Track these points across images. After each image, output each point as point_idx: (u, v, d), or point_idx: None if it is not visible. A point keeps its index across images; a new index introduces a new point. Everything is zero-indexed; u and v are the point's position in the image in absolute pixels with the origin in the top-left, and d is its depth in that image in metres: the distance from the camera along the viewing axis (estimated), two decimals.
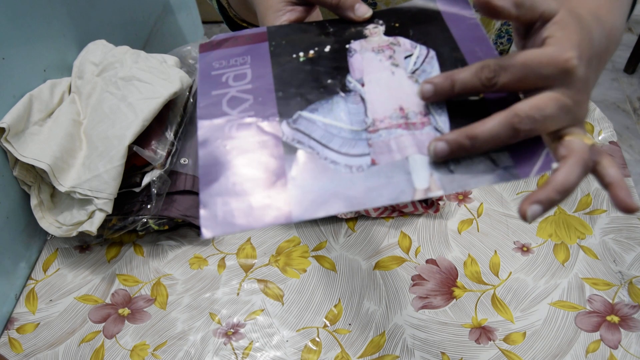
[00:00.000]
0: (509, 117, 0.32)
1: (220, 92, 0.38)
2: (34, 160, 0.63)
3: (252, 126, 0.36)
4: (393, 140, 0.35)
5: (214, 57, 0.41)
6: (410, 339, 0.59)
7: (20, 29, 0.67)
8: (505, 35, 0.87)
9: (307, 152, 0.35)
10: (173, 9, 1.23)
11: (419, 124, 0.36)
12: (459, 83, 0.34)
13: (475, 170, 0.34)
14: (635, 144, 1.77)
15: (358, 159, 0.35)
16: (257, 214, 0.32)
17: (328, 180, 0.34)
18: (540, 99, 0.33)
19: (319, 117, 0.37)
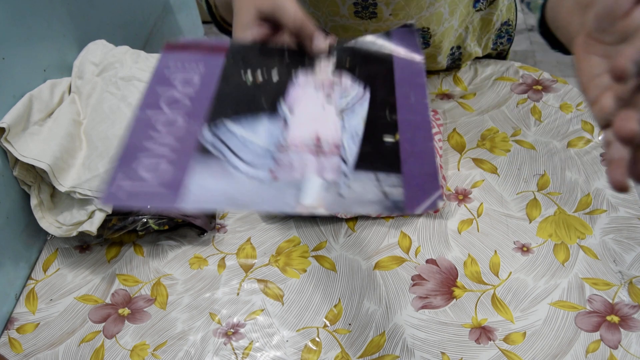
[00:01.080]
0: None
1: (163, 89, 0.43)
2: (34, 160, 0.63)
3: (177, 123, 0.41)
4: (298, 161, 0.39)
5: (173, 58, 0.44)
6: (410, 339, 0.59)
7: (20, 29, 0.67)
8: (505, 35, 0.87)
9: (216, 156, 0.39)
10: (173, 9, 1.23)
11: (328, 152, 0.40)
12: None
13: (364, 199, 0.37)
14: None
15: (260, 172, 0.38)
16: (143, 198, 0.37)
17: (223, 182, 0.37)
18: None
19: (239, 129, 0.41)
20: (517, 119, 0.80)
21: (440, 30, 0.77)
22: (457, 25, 0.80)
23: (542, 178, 0.72)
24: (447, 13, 0.75)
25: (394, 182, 0.38)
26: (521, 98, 0.83)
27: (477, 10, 0.80)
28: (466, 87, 0.86)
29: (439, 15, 0.75)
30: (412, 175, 0.38)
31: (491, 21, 0.83)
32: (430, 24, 0.76)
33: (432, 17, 0.75)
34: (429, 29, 0.77)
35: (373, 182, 0.38)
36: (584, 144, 0.76)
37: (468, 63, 0.89)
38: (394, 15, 0.73)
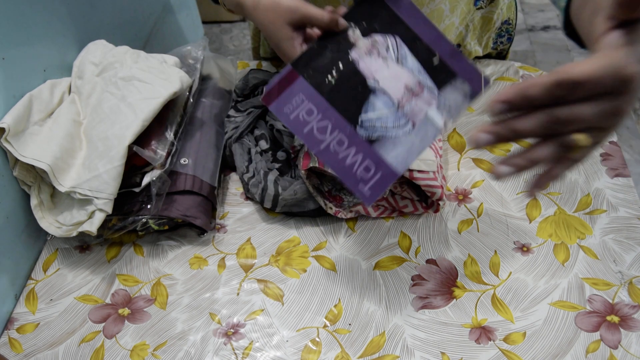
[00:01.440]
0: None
1: (306, 128, 0.53)
2: (34, 160, 0.63)
3: (340, 140, 0.53)
4: (413, 108, 0.54)
5: (281, 105, 0.53)
6: (410, 339, 0.59)
7: (20, 29, 0.67)
8: (506, 34, 0.87)
9: (380, 138, 0.53)
10: (173, 9, 1.23)
11: (419, 91, 0.54)
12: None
13: (458, 101, 0.54)
14: (635, 144, 1.77)
15: (405, 128, 0.53)
16: (382, 185, 0.53)
17: (398, 146, 0.53)
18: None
19: (371, 114, 0.53)
20: None
21: (441, 28, 0.77)
22: (458, 23, 0.80)
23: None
24: (448, 10, 0.75)
25: (460, 82, 0.54)
26: None
27: (477, 9, 0.80)
28: None
29: (440, 11, 0.75)
30: (463, 72, 0.54)
31: (492, 20, 0.83)
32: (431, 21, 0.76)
33: (433, 14, 0.75)
34: None
35: (455, 90, 0.54)
36: None
37: None
38: None
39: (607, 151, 0.74)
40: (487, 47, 0.88)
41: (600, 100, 0.33)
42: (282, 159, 0.73)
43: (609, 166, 0.72)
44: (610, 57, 0.33)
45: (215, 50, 2.21)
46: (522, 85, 0.33)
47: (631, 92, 0.33)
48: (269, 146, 0.74)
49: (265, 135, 0.75)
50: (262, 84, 0.81)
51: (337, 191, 0.69)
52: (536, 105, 0.34)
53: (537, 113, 0.34)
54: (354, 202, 0.68)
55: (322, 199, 0.67)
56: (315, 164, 0.64)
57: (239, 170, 0.73)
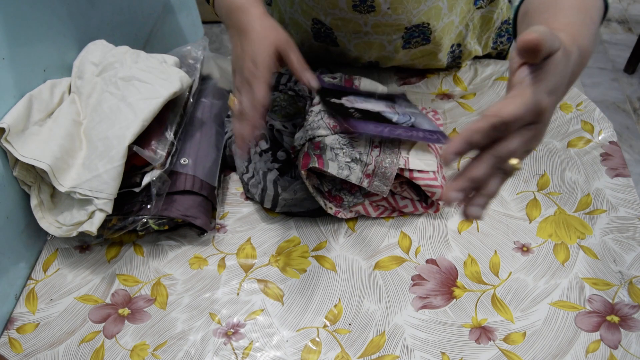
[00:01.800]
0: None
1: (386, 131, 0.67)
2: (34, 160, 0.63)
3: (402, 131, 0.68)
4: (401, 110, 0.73)
5: (367, 132, 0.66)
6: (410, 339, 0.59)
7: (20, 29, 0.67)
8: (505, 34, 0.87)
9: (414, 123, 0.71)
10: (173, 9, 1.23)
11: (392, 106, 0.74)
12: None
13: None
14: (635, 144, 1.77)
15: (414, 116, 0.72)
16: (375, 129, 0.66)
17: (426, 123, 0.71)
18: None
19: (394, 118, 0.71)
20: None
21: (440, 26, 0.77)
22: (458, 22, 0.80)
23: (542, 178, 0.72)
24: (446, 8, 0.75)
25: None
26: None
27: (477, 8, 0.80)
28: (466, 87, 0.86)
29: (438, 9, 0.75)
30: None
31: (491, 19, 0.83)
32: (429, 19, 0.76)
33: (431, 12, 0.75)
34: (429, 25, 0.76)
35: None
36: (584, 144, 0.76)
37: (468, 63, 0.89)
38: (392, 9, 0.73)
39: (607, 151, 0.74)
40: (487, 47, 0.88)
41: (524, 130, 0.40)
42: (282, 159, 0.73)
43: (609, 166, 0.72)
44: (526, 95, 0.39)
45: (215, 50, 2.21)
46: (466, 134, 0.39)
47: (545, 119, 0.41)
48: (269, 146, 0.74)
49: (265, 135, 0.75)
50: None
51: (337, 191, 0.69)
52: (479, 147, 0.40)
53: (484, 157, 0.40)
54: (354, 202, 0.68)
55: (322, 199, 0.67)
56: (315, 164, 0.64)
57: (239, 170, 0.73)
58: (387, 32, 0.78)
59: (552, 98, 0.40)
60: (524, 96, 0.39)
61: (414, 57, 0.84)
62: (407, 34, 0.78)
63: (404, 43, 0.80)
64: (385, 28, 0.77)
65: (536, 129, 0.41)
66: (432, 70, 0.88)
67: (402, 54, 0.82)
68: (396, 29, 0.77)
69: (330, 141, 0.67)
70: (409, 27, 0.77)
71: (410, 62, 0.85)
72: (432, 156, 0.67)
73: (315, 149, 0.67)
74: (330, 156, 0.65)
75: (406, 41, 0.80)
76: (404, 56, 0.83)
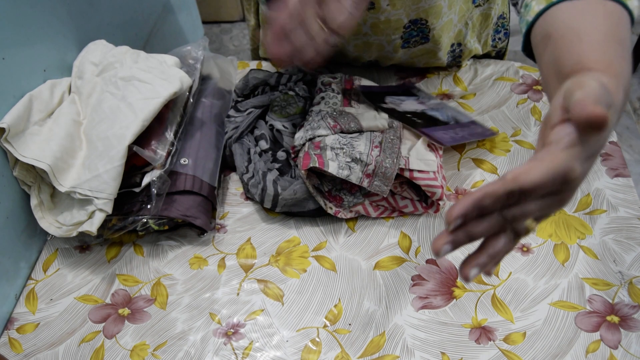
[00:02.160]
0: None
1: (435, 133, 0.72)
2: (34, 160, 0.63)
3: (448, 128, 0.74)
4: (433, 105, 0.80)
5: (431, 134, 0.72)
6: (410, 339, 0.59)
7: (20, 29, 0.67)
8: (502, 29, 0.87)
9: (456, 118, 0.78)
10: (173, 9, 1.23)
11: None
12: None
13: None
14: (635, 144, 1.77)
15: (443, 114, 0.78)
16: None
17: (462, 116, 0.79)
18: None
19: (438, 116, 0.78)
20: (517, 119, 0.80)
21: (440, 25, 0.77)
22: (457, 20, 0.80)
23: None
24: (446, 7, 0.75)
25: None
26: (521, 98, 0.83)
27: (476, 6, 0.80)
28: (466, 87, 0.86)
29: (438, 8, 0.75)
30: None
31: (490, 16, 0.83)
32: (428, 17, 0.76)
33: (431, 10, 0.75)
34: (427, 22, 0.76)
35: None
36: None
37: (468, 63, 0.89)
38: (391, 5, 0.73)
39: (607, 151, 0.74)
40: (486, 45, 0.87)
41: (546, 197, 0.36)
42: (282, 159, 0.73)
43: (609, 166, 0.72)
44: (556, 160, 0.34)
45: (215, 50, 2.21)
46: (476, 197, 0.35)
47: (573, 188, 0.36)
48: (269, 146, 0.74)
49: (265, 136, 0.75)
50: (262, 84, 0.81)
51: (337, 191, 0.69)
52: (490, 211, 0.36)
53: (490, 216, 0.36)
54: (354, 202, 0.68)
55: (322, 199, 0.67)
56: (315, 164, 0.64)
57: (239, 170, 0.73)
58: (386, 33, 0.78)
59: (588, 164, 0.36)
60: (555, 162, 0.34)
61: (414, 56, 0.84)
62: (406, 34, 0.78)
63: (403, 42, 0.80)
64: (384, 28, 0.77)
65: (560, 197, 0.36)
66: (432, 70, 0.88)
67: (401, 53, 0.82)
68: (395, 27, 0.77)
69: (330, 141, 0.67)
70: (407, 24, 0.77)
71: (410, 60, 0.85)
72: (432, 156, 0.67)
73: (315, 148, 0.67)
74: (331, 156, 0.65)
75: (405, 40, 0.80)
76: (404, 55, 0.83)
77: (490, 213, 0.36)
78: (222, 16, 2.33)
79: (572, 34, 0.45)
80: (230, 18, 2.34)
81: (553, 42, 0.46)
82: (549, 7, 0.48)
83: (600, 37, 0.43)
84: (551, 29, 0.47)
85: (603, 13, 0.45)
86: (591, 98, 0.32)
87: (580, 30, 0.45)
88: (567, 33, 0.45)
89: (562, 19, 0.47)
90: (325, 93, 0.76)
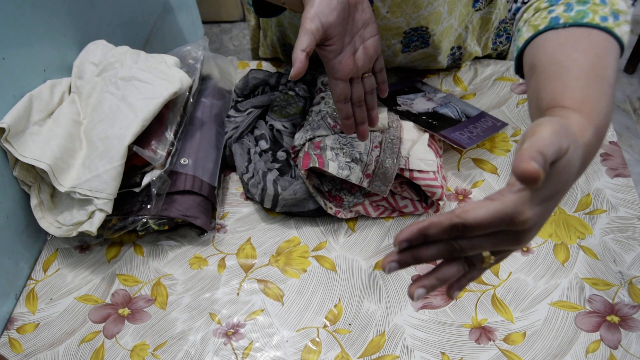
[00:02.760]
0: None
1: (455, 135, 0.73)
2: (34, 160, 0.63)
3: (464, 126, 0.76)
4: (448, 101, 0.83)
5: (451, 136, 0.73)
6: (410, 339, 0.59)
7: (20, 29, 0.67)
8: (504, 33, 0.87)
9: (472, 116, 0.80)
10: (173, 9, 1.23)
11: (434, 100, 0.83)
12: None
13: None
14: (635, 144, 1.77)
15: (455, 110, 0.80)
16: None
17: (471, 109, 0.81)
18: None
19: (449, 113, 0.79)
20: (517, 119, 0.80)
21: (440, 30, 0.77)
22: (457, 25, 0.80)
23: None
24: (446, 12, 0.75)
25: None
26: (521, 98, 0.83)
27: (476, 10, 0.80)
28: (466, 87, 0.86)
29: (438, 14, 0.75)
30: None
31: (490, 20, 0.83)
32: (429, 24, 0.76)
33: (431, 17, 0.75)
34: (428, 29, 0.76)
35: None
36: None
37: (468, 63, 0.89)
38: (391, 13, 0.73)
39: (607, 151, 0.74)
40: (486, 48, 0.87)
41: (497, 234, 0.36)
42: (282, 159, 0.73)
43: (609, 166, 0.72)
44: (505, 202, 0.35)
45: (215, 50, 2.21)
46: (422, 226, 0.37)
47: (528, 230, 0.36)
48: (269, 146, 0.74)
49: (265, 135, 0.75)
50: (262, 84, 0.81)
51: (337, 191, 0.69)
52: (436, 240, 0.37)
53: (438, 243, 0.37)
54: (354, 202, 0.68)
55: (322, 199, 0.67)
56: (315, 164, 0.64)
57: (239, 170, 0.73)
58: (385, 37, 0.78)
59: (544, 206, 0.36)
60: (503, 203, 0.35)
61: (414, 60, 0.84)
62: (405, 39, 0.78)
63: (403, 47, 0.80)
64: (383, 33, 0.77)
65: (515, 237, 0.37)
66: (432, 71, 0.88)
67: (401, 57, 0.82)
68: (395, 33, 0.77)
69: (330, 141, 0.67)
70: (407, 30, 0.77)
71: (410, 64, 0.85)
72: (432, 156, 0.67)
73: (315, 148, 0.67)
74: (331, 156, 0.65)
75: (405, 45, 0.80)
76: (404, 59, 0.83)
77: (437, 241, 0.37)
78: (222, 16, 2.33)
79: (553, 68, 0.45)
80: (230, 18, 2.34)
81: (537, 74, 0.47)
82: (536, 35, 0.49)
83: (578, 73, 0.43)
84: (536, 60, 0.48)
85: (586, 45, 0.45)
86: (532, 151, 0.32)
87: (560, 64, 0.45)
88: (549, 66, 0.46)
89: (546, 50, 0.47)
90: (325, 93, 0.76)
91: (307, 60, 0.52)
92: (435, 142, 0.73)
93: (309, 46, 0.52)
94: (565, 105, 0.42)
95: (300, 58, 0.52)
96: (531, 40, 0.49)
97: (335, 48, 0.56)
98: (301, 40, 0.52)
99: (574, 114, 0.40)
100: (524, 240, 0.37)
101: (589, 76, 0.43)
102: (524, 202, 0.35)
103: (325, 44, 0.55)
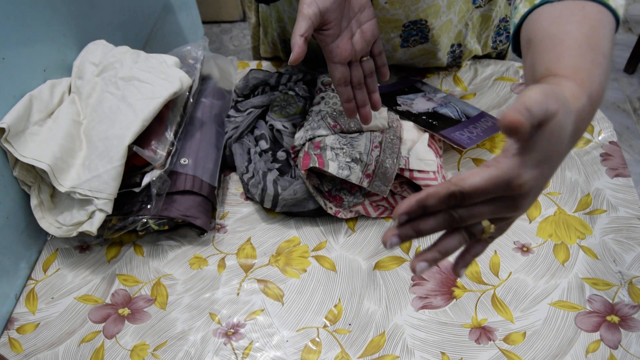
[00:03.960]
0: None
1: (456, 135, 0.73)
2: (34, 160, 0.63)
3: (464, 127, 0.76)
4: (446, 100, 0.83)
5: (451, 136, 0.73)
6: (410, 339, 0.59)
7: (20, 29, 0.67)
8: (504, 32, 0.87)
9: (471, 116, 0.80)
10: (173, 9, 1.23)
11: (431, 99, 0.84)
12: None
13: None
14: (635, 144, 1.77)
15: (455, 110, 0.80)
16: None
17: (470, 108, 0.81)
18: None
19: (449, 113, 0.79)
20: None
21: (438, 24, 0.77)
22: (457, 21, 0.80)
23: None
24: (445, 6, 0.75)
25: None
26: None
27: (476, 7, 0.80)
28: (466, 87, 0.86)
29: (437, 7, 0.75)
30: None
31: (490, 17, 0.83)
32: (427, 17, 0.76)
33: (430, 9, 0.75)
34: (427, 22, 0.76)
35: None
36: (584, 144, 0.76)
37: (468, 63, 0.89)
38: (389, 4, 0.73)
39: (607, 151, 0.74)
40: (486, 46, 0.87)
41: (496, 201, 0.37)
42: (282, 159, 0.73)
43: (609, 166, 0.72)
44: (500, 167, 0.35)
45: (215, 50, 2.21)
46: (420, 197, 0.36)
47: (525, 194, 0.36)
48: (269, 146, 0.74)
49: (265, 135, 0.75)
50: (262, 84, 0.81)
51: (337, 191, 0.69)
52: (435, 211, 0.37)
53: (437, 214, 0.38)
54: (354, 202, 0.68)
55: (322, 199, 0.67)
56: (315, 164, 0.64)
57: (239, 170, 0.73)
58: (384, 30, 0.78)
59: (540, 169, 0.36)
60: (498, 169, 0.35)
61: (413, 56, 0.84)
62: (404, 32, 0.78)
63: (402, 42, 0.80)
64: (382, 25, 0.77)
65: (513, 202, 0.37)
66: (432, 70, 0.88)
67: (400, 53, 0.82)
68: (394, 26, 0.77)
69: (330, 141, 0.67)
70: (406, 24, 0.77)
71: (409, 61, 0.85)
72: (432, 156, 0.67)
73: (315, 148, 0.67)
74: (331, 156, 0.65)
75: (404, 39, 0.80)
76: (403, 55, 0.83)
77: (436, 212, 0.38)
78: (222, 16, 2.33)
79: (548, 41, 0.45)
80: (230, 18, 2.34)
81: (532, 48, 0.47)
82: (532, 10, 0.49)
83: (572, 43, 0.44)
84: (532, 34, 0.48)
85: (581, 17, 0.45)
86: (517, 105, 0.33)
87: (555, 36, 0.45)
88: (544, 39, 0.46)
89: (542, 24, 0.47)
90: (325, 93, 0.76)
91: (305, 45, 0.53)
92: (435, 142, 0.73)
93: (307, 31, 0.53)
94: (558, 73, 0.42)
95: (298, 43, 0.53)
96: (527, 16, 0.50)
97: (333, 32, 0.57)
98: (299, 25, 0.53)
99: (567, 81, 0.40)
100: (522, 206, 0.38)
101: (583, 47, 0.43)
102: (519, 166, 0.35)
103: (322, 28, 0.57)
